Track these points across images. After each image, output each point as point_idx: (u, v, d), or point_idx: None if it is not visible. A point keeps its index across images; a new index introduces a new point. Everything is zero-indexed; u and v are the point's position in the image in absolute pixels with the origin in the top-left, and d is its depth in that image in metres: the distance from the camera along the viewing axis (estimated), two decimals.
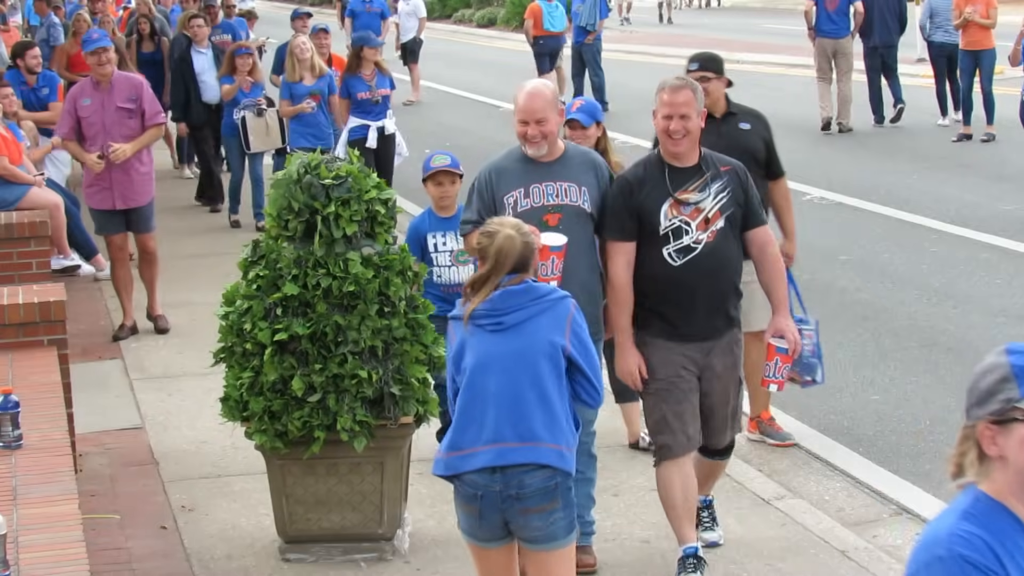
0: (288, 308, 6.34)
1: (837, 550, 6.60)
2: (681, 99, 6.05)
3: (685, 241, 6.06)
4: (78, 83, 10.81)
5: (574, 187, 6.22)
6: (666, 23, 40.75)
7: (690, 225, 6.06)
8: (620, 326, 6.17)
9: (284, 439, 6.33)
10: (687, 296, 6.07)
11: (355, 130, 13.29)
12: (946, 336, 9.91)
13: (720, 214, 6.09)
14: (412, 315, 6.47)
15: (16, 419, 5.72)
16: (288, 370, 6.32)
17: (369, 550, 6.55)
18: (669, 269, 6.07)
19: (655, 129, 6.16)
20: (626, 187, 6.18)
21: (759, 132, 7.59)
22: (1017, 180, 15.28)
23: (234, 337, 6.45)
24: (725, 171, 6.16)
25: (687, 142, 6.08)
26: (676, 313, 6.10)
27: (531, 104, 6.18)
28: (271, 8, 45.38)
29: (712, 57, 7.64)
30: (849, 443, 8.06)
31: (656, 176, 6.13)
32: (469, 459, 4.88)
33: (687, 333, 6.11)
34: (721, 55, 7.72)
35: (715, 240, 6.08)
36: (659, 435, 6.19)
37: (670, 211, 6.07)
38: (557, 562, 4.94)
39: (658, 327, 6.13)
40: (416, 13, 24.54)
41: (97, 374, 9.55)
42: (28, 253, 9.23)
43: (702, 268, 6.07)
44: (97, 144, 10.17)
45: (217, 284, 7.12)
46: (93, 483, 7.49)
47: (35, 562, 4.59)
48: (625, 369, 6.18)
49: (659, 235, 6.07)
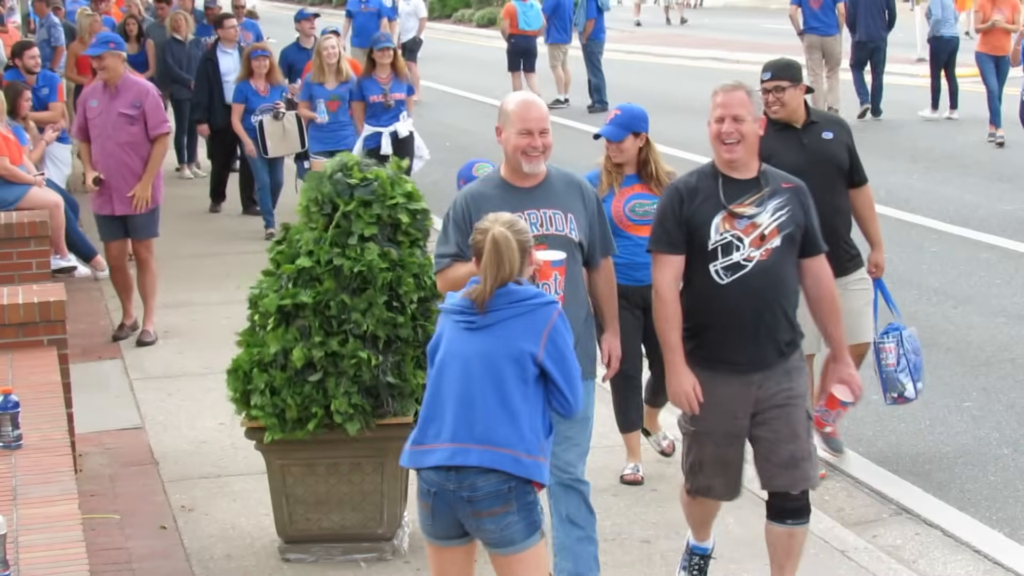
0: (299, 281, 6.38)
1: (837, 550, 6.60)
2: (734, 99, 5.55)
3: (735, 258, 5.52)
4: (91, 85, 10.75)
5: (559, 215, 5.71)
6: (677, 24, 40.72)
7: (743, 241, 5.53)
8: (670, 343, 5.63)
9: (282, 419, 6.34)
10: (733, 320, 5.54)
11: (369, 139, 13.10)
12: (946, 336, 9.91)
13: (778, 231, 5.55)
14: (422, 321, 6.48)
15: (16, 419, 5.72)
16: (290, 343, 6.33)
17: (369, 550, 6.56)
18: (715, 288, 5.55)
19: (709, 137, 5.66)
20: (676, 196, 5.66)
21: (843, 140, 7.28)
22: (1017, 180, 15.28)
23: (254, 313, 6.51)
24: (787, 188, 5.63)
25: (742, 148, 5.56)
26: (719, 338, 5.58)
27: (532, 113, 5.66)
28: (271, 8, 45.36)
29: (786, 64, 7.28)
30: (849, 443, 8.05)
31: (709, 186, 5.62)
32: (427, 455, 4.87)
33: (731, 361, 5.58)
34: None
35: (769, 259, 5.53)
36: (694, 477, 5.75)
37: (722, 224, 5.54)
38: (517, 566, 4.86)
39: (699, 356, 5.61)
40: (416, 13, 24.53)
41: (97, 374, 9.55)
42: (28, 253, 9.22)
43: (751, 288, 5.52)
44: (99, 147, 10.12)
45: (217, 284, 7.12)
46: (93, 483, 7.49)
47: (35, 562, 4.58)
48: (679, 391, 5.62)
49: (707, 250, 5.55)
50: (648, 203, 7.09)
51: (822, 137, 7.23)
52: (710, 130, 5.63)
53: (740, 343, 5.55)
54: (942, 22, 18.90)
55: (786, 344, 5.62)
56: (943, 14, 18.86)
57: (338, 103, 13.12)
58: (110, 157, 10.09)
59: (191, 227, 14.16)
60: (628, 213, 7.16)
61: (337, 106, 13.12)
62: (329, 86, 13.13)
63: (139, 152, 10.12)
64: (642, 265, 6.71)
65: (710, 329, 5.59)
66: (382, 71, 13.20)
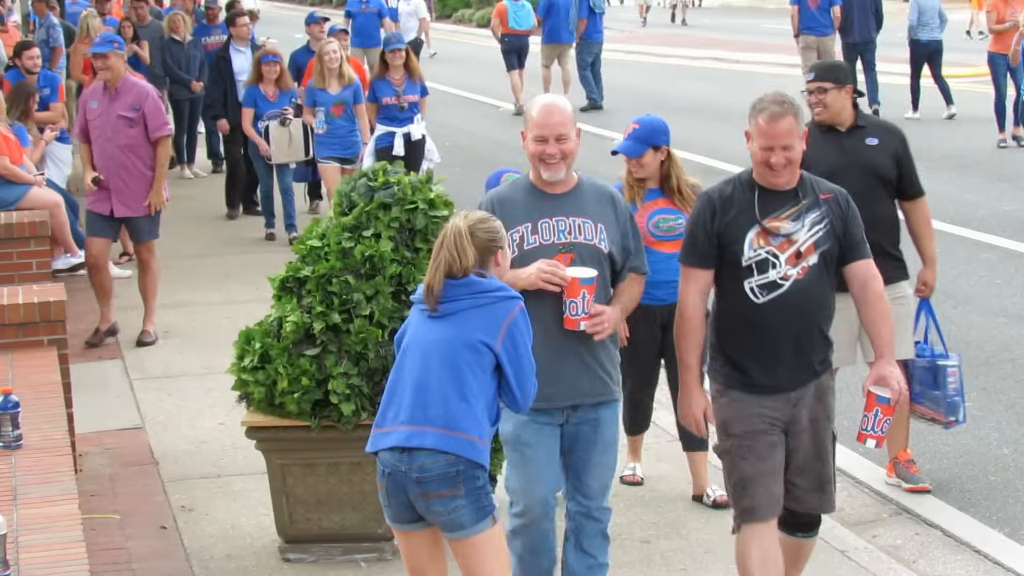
0: (307, 259, 6.43)
1: (837, 550, 6.60)
2: (782, 129, 5.25)
3: (771, 276, 5.30)
4: (92, 85, 10.74)
5: (589, 223, 5.44)
6: (680, 24, 40.75)
7: (778, 258, 5.30)
8: (687, 363, 5.46)
9: (272, 391, 6.33)
10: (768, 340, 5.33)
11: (381, 138, 12.99)
12: (946, 336, 9.86)
13: (814, 248, 5.32)
14: None
15: (16, 419, 5.72)
16: (290, 312, 6.36)
17: (369, 550, 6.56)
18: (750, 307, 5.32)
19: (751, 155, 5.39)
20: (708, 206, 5.40)
21: (889, 148, 6.98)
22: (1017, 180, 15.29)
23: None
24: (825, 199, 5.38)
25: (789, 171, 5.32)
26: (755, 360, 5.38)
27: (550, 118, 5.42)
28: (272, 8, 45.38)
29: (831, 65, 7.03)
30: (849, 443, 8.04)
31: (745, 198, 5.36)
32: (384, 437, 4.93)
33: (767, 384, 5.38)
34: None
35: (805, 277, 5.31)
36: (740, 498, 5.45)
37: (756, 240, 5.31)
38: (469, 551, 4.89)
39: (734, 377, 5.42)
40: (417, 13, 24.57)
41: (97, 374, 9.56)
42: (28, 253, 9.22)
43: (788, 309, 5.30)
44: (98, 149, 10.11)
45: (217, 284, 7.12)
46: (93, 483, 7.50)
47: (35, 562, 4.58)
48: (690, 415, 5.51)
49: (741, 266, 5.32)
50: (672, 218, 6.95)
51: (865, 143, 6.97)
52: (752, 151, 5.36)
53: (777, 365, 5.36)
54: (917, 27, 19.27)
55: (820, 363, 5.45)
56: (919, 19, 19.16)
57: (342, 107, 12.90)
58: (109, 159, 10.08)
59: (191, 227, 14.15)
60: (651, 228, 6.93)
61: (341, 110, 12.90)
62: (332, 91, 12.91)
63: (138, 154, 10.09)
64: (663, 283, 6.63)
65: (744, 350, 5.39)
66: (395, 72, 13.07)
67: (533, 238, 5.42)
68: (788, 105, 5.31)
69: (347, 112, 12.91)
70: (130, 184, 10.10)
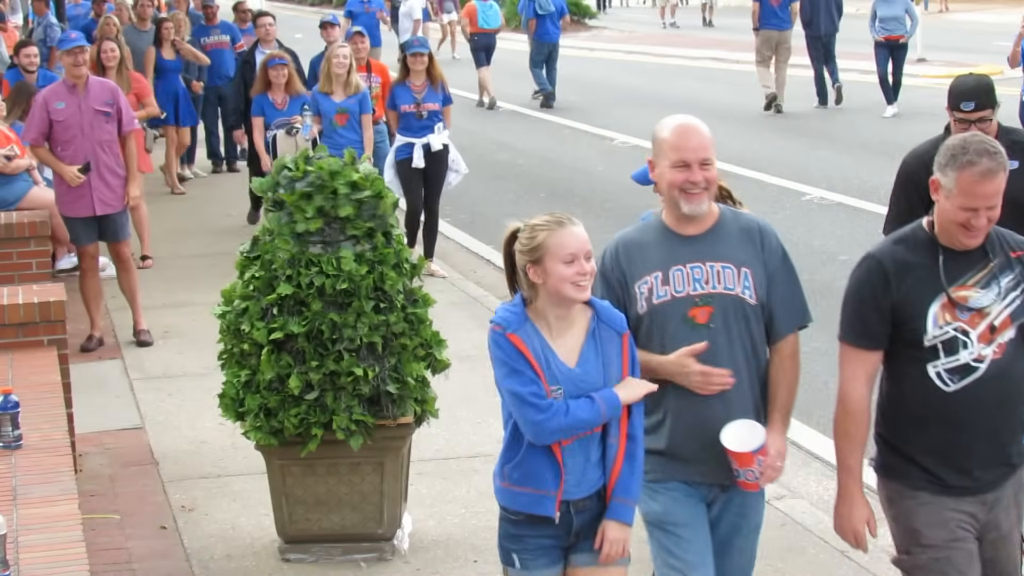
0: (284, 307, 6.34)
1: (837, 550, 6.59)
2: (992, 189, 4.31)
3: (963, 358, 4.40)
4: (49, 87, 10.56)
5: (731, 269, 4.60)
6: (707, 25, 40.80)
7: (969, 335, 4.40)
8: (847, 465, 4.60)
9: (280, 436, 6.34)
10: (962, 434, 4.45)
11: (401, 149, 12.08)
12: None
13: (1011, 321, 4.43)
14: (411, 309, 6.47)
15: (16, 419, 5.72)
16: (285, 368, 6.32)
17: (369, 550, 6.56)
18: (938, 396, 4.43)
19: (939, 212, 4.42)
20: (878, 272, 4.46)
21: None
22: None
23: (232, 338, 6.45)
24: (1017, 257, 4.47)
25: (986, 232, 4.42)
26: (941, 456, 4.49)
27: (691, 140, 4.59)
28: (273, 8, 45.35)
29: (988, 88, 5.98)
30: None
31: (926, 263, 4.43)
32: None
33: (960, 486, 4.49)
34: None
35: (1003, 357, 4.42)
36: None
37: (942, 314, 4.40)
38: None
39: (919, 477, 4.53)
40: (411, 15, 24.63)
41: (97, 374, 9.56)
42: (28, 253, 9.23)
43: (986, 397, 4.42)
44: (73, 149, 9.88)
45: (217, 284, 7.13)
46: (93, 483, 7.50)
47: (35, 562, 4.58)
48: (848, 526, 4.67)
49: (922, 347, 4.43)
50: None
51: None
52: (945, 209, 4.39)
53: (971, 462, 4.49)
54: (882, 25, 20.04)
55: (1018, 455, 4.58)
56: (877, 26, 19.98)
57: (346, 117, 11.97)
58: (88, 157, 9.89)
59: (191, 227, 14.15)
60: None
61: (345, 120, 11.97)
62: (336, 98, 11.98)
63: (114, 150, 9.99)
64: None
65: (931, 444, 4.50)
66: (416, 78, 12.01)
67: (664, 290, 4.62)
68: (1000, 158, 4.35)
69: (351, 122, 12.00)
70: (108, 180, 9.96)
